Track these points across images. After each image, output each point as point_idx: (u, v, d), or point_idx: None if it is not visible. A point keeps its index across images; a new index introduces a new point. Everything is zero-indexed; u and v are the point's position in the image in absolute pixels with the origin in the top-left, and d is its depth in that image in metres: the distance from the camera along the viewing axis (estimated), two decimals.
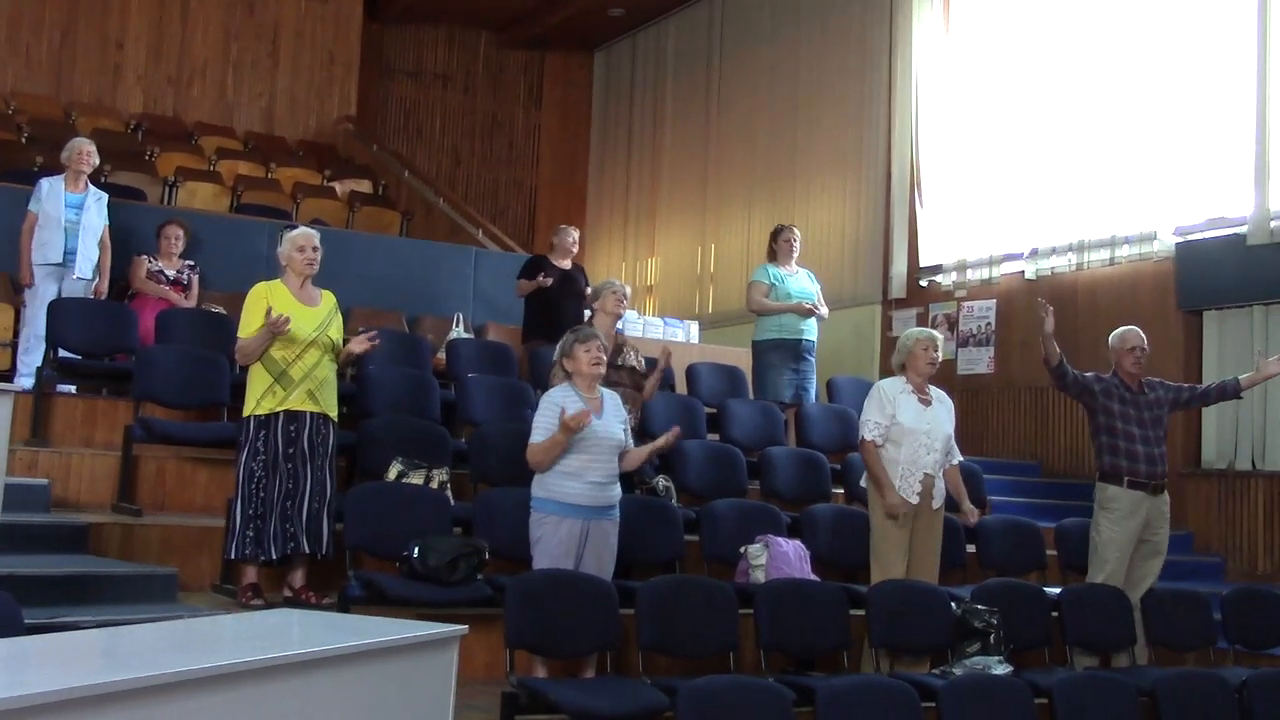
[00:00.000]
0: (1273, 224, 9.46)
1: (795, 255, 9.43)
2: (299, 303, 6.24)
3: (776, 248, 9.44)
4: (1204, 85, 10.24)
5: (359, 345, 6.40)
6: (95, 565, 5.88)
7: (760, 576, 6.75)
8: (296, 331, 6.09)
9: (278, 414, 6.09)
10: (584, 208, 17.77)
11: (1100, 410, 7.39)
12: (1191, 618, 7.35)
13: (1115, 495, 7.27)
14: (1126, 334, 7.54)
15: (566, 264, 9.47)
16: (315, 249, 6.35)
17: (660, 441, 6.31)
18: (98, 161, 8.62)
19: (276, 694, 3.35)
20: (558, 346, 6.25)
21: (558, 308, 9.10)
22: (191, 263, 9.04)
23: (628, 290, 7.73)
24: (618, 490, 6.08)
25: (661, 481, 7.44)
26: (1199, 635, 7.37)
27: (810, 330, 9.27)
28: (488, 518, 6.47)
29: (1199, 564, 9.18)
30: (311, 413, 6.16)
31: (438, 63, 17.55)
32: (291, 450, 6.08)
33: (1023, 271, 11.34)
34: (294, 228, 6.80)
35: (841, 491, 8.28)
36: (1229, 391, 7.75)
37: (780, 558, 6.85)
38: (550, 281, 9.13)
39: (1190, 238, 10.11)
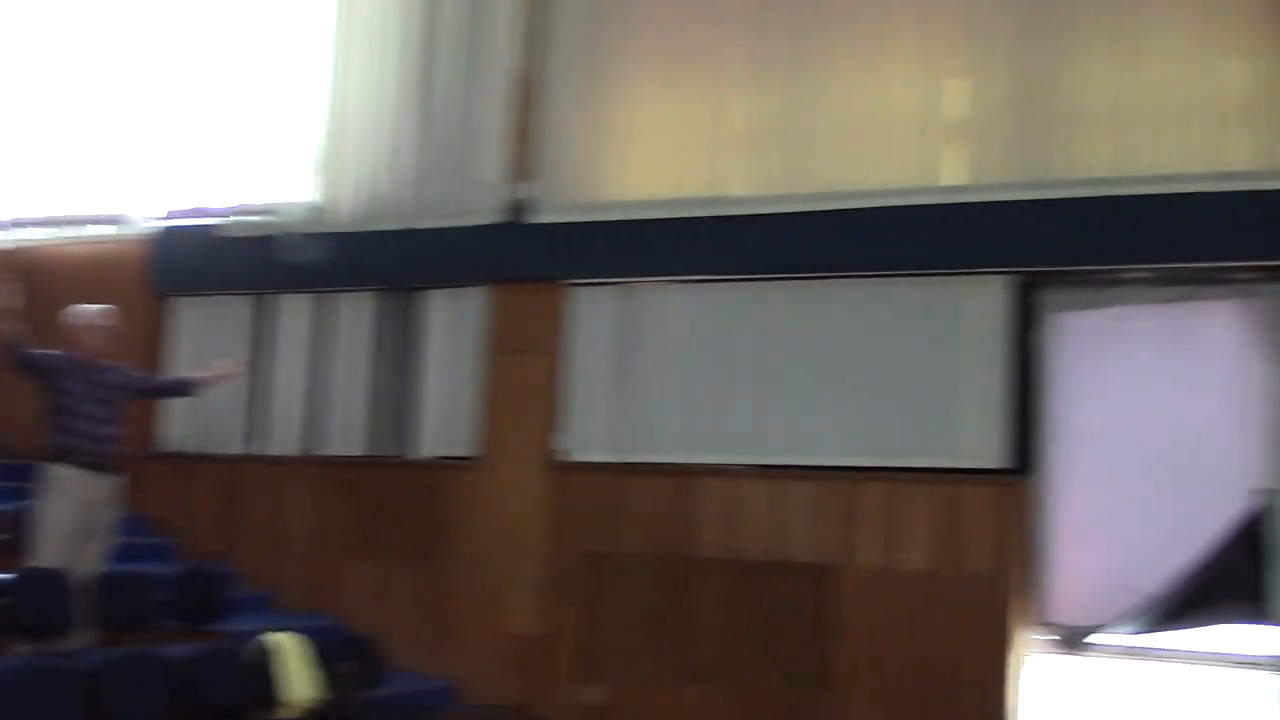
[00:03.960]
0: (242, 217, 9.96)
1: None
2: None
3: None
4: (194, 79, 10.50)
5: None
6: None
7: None
8: None
9: None
10: None
11: (58, 390, 7.27)
12: (138, 598, 7.52)
13: (65, 475, 7.19)
14: (91, 311, 7.49)
15: None
16: None
17: None
18: None
19: None
20: None
21: None
22: None
23: None
24: None
25: None
26: (146, 615, 7.55)
27: None
28: None
29: (153, 545, 9.34)
30: None
31: None
32: None
33: None
34: None
35: None
36: (184, 388, 8.10)
37: None
38: None
39: (165, 224, 10.31)
